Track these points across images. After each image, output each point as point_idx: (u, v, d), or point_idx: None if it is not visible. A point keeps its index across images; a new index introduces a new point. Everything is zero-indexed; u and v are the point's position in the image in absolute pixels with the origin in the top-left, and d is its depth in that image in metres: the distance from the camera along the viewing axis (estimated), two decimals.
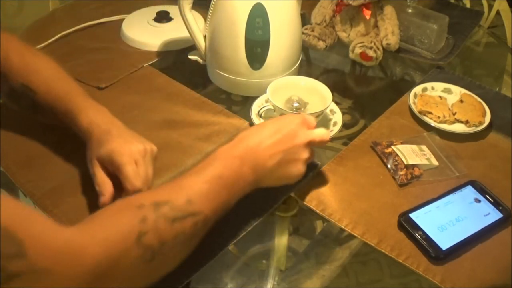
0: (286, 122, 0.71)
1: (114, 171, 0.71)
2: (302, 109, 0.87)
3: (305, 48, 1.10)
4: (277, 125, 0.70)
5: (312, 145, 0.72)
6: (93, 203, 0.75)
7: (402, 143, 0.86)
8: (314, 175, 0.82)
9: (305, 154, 0.71)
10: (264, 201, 0.77)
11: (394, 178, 0.81)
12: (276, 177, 0.70)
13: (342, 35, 1.09)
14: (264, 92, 0.88)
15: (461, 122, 0.91)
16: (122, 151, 0.71)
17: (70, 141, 0.81)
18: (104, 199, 0.71)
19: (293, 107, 0.87)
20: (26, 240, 0.44)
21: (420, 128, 0.92)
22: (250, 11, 0.90)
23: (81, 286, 0.48)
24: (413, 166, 0.82)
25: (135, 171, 0.70)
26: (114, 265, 0.51)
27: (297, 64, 1.00)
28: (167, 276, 0.64)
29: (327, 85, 0.89)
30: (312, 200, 0.78)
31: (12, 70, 0.80)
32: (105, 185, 0.72)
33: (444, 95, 0.97)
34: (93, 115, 0.76)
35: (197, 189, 0.61)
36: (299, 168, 0.71)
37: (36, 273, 0.44)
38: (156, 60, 1.07)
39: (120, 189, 0.71)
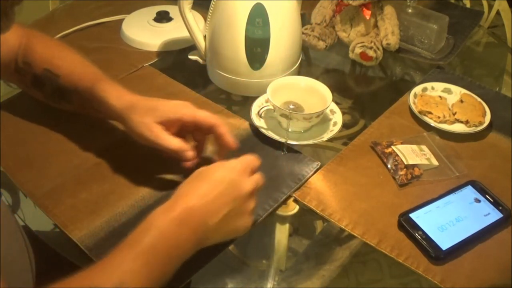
0: (227, 171, 0.65)
1: (187, 122, 0.74)
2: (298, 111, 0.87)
3: (305, 48, 1.10)
4: (217, 176, 0.64)
5: (257, 191, 0.67)
6: (93, 203, 0.75)
7: (402, 143, 0.86)
8: (314, 175, 0.82)
9: (251, 205, 0.65)
10: (264, 201, 0.77)
11: (394, 178, 0.81)
12: (221, 234, 0.64)
13: (342, 35, 1.09)
14: (264, 92, 0.88)
15: (461, 122, 0.91)
16: (183, 104, 0.75)
17: (70, 141, 0.81)
18: (192, 153, 0.74)
19: (289, 109, 0.87)
20: None
21: (420, 128, 0.92)
22: (250, 11, 0.90)
23: None
24: (413, 166, 0.82)
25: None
26: None
27: (297, 64, 1.00)
28: None
29: (327, 85, 0.89)
30: (312, 200, 0.78)
31: (36, 58, 0.82)
32: (182, 142, 0.73)
33: (444, 95, 0.97)
34: (121, 90, 0.77)
35: (129, 268, 0.55)
36: (245, 222, 0.66)
37: None
38: (156, 60, 1.07)
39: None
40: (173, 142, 0.73)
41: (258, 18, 0.90)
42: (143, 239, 0.58)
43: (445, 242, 0.71)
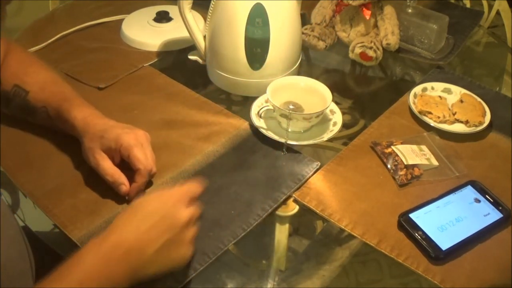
0: (161, 203, 0.64)
1: (123, 156, 0.74)
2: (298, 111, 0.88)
3: (305, 48, 1.09)
4: (150, 208, 0.63)
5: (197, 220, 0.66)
6: (93, 203, 0.75)
7: (402, 143, 0.86)
8: (314, 175, 0.82)
9: (189, 234, 0.64)
10: (264, 201, 0.77)
11: (394, 178, 0.81)
12: (160, 264, 0.62)
13: (342, 35, 1.09)
14: (264, 92, 0.88)
15: (461, 122, 0.91)
16: (128, 135, 0.75)
17: (70, 141, 0.81)
18: (126, 188, 0.74)
19: (289, 109, 0.87)
20: None
21: (420, 128, 0.92)
22: (250, 11, 0.90)
23: None
24: (413, 166, 0.82)
25: (144, 152, 0.74)
26: None
27: (297, 64, 1.00)
28: (167, 276, 0.64)
29: (327, 85, 0.89)
30: (312, 200, 0.78)
31: (6, 73, 0.82)
32: (119, 174, 0.74)
33: (444, 95, 0.97)
34: (87, 111, 0.79)
35: None
36: (183, 252, 0.64)
37: None
38: (156, 60, 1.06)
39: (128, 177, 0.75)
40: (108, 173, 0.74)
41: (258, 18, 0.90)
42: (72, 275, 0.57)
43: (445, 242, 0.71)
